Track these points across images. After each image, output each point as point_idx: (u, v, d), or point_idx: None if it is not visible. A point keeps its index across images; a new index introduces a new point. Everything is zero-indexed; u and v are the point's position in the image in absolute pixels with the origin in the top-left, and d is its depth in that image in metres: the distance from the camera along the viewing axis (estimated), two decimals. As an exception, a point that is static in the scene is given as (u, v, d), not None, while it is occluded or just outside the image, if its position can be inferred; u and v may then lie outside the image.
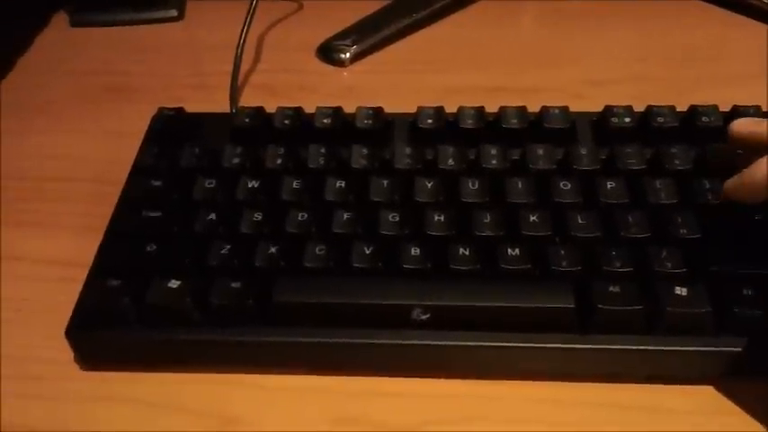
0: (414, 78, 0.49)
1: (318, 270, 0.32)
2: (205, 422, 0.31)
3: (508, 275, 0.32)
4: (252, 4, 0.48)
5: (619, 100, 0.39)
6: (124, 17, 0.55)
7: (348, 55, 0.51)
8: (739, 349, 0.30)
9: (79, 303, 0.33)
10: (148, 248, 0.34)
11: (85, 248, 0.35)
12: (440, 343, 0.31)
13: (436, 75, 0.49)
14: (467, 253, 0.32)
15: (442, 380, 0.32)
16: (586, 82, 0.47)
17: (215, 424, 0.31)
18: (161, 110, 0.41)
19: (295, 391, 0.32)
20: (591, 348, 0.30)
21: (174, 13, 0.55)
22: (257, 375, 0.33)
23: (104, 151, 0.44)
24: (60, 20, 0.56)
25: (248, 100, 0.48)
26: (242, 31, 0.48)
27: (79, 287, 0.33)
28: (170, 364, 0.33)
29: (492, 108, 0.39)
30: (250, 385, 0.32)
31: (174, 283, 0.32)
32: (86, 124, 0.46)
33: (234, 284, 0.32)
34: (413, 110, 0.40)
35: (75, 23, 0.55)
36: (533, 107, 0.39)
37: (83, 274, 0.34)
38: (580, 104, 0.40)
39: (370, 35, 0.51)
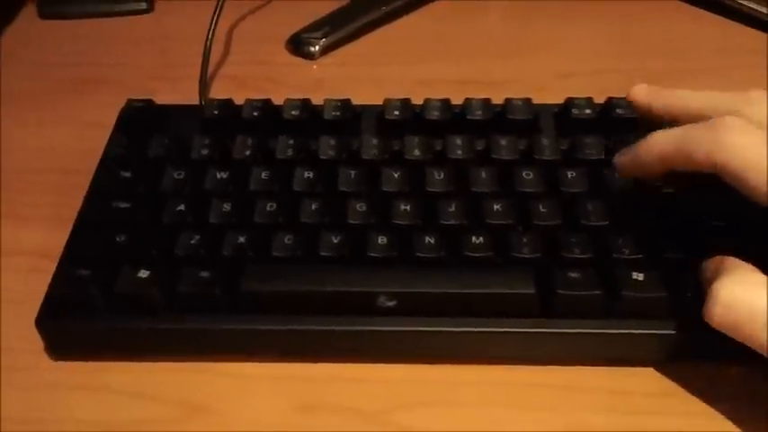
0: (383, 71, 0.49)
1: (286, 259, 0.33)
2: (173, 410, 0.32)
3: (472, 263, 0.33)
4: (221, -4, 0.49)
5: (583, 93, 0.40)
6: (93, 9, 0.54)
7: (317, 48, 0.51)
8: (691, 333, 0.31)
9: (49, 293, 0.33)
10: (118, 239, 0.34)
11: (55, 239, 0.36)
12: (405, 329, 0.32)
13: (405, 67, 0.49)
14: (432, 241, 0.33)
15: (408, 365, 0.33)
16: (553, 75, 0.48)
17: (183, 411, 0.32)
18: (130, 101, 0.41)
19: (263, 378, 0.33)
20: (552, 332, 0.31)
21: (143, 5, 0.55)
22: (225, 363, 0.33)
23: (73, 142, 0.44)
24: (29, 11, 0.55)
25: (218, 92, 0.48)
26: (211, 22, 0.48)
27: (49, 278, 0.34)
28: (139, 352, 0.33)
29: (459, 100, 0.40)
30: (218, 373, 0.33)
31: (143, 273, 0.33)
32: (55, 116, 0.46)
33: (202, 274, 0.32)
34: (381, 102, 0.40)
35: (44, 15, 0.55)
36: (500, 99, 0.40)
37: (52, 265, 0.34)
38: (545, 97, 0.40)
39: (339, 28, 0.52)
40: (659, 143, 0.30)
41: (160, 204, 0.35)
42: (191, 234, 0.34)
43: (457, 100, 0.40)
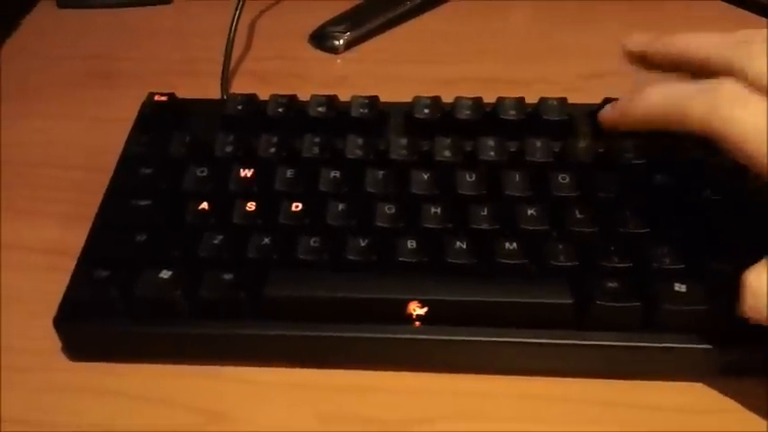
0: (406, 68, 0.48)
1: (312, 263, 0.32)
2: (191, 416, 0.31)
3: (505, 270, 0.31)
4: (244, -12, 0.47)
5: (615, 93, 0.38)
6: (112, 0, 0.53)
7: (342, 42, 0.50)
8: (735, 348, 0.29)
9: (67, 293, 0.32)
10: (138, 238, 0.33)
11: (72, 237, 0.35)
12: (434, 338, 0.31)
13: (429, 65, 0.48)
14: (463, 247, 0.32)
15: (436, 375, 0.32)
16: (582, 75, 0.47)
17: (201, 418, 0.31)
18: (151, 95, 0.40)
19: (283, 386, 0.32)
20: (588, 344, 0.30)
21: (163, -4, 0.54)
22: (246, 369, 0.32)
23: (92, 138, 0.43)
24: (47, 1, 0.54)
25: (239, 87, 0.47)
26: (233, 16, 0.47)
27: (66, 276, 0.33)
28: (158, 356, 0.32)
29: (486, 99, 0.39)
30: (239, 380, 0.32)
31: (164, 274, 0.31)
32: (73, 110, 0.45)
33: (225, 276, 0.31)
34: (407, 99, 0.39)
35: (62, 5, 0.54)
36: (529, 99, 0.38)
37: (69, 263, 0.33)
38: (576, 97, 0.39)
39: (364, 22, 0.51)
40: (653, 99, 0.29)
41: (182, 203, 0.34)
42: (213, 235, 0.33)
43: (485, 99, 0.39)
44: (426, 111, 0.38)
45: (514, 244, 0.32)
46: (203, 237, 0.33)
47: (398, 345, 0.31)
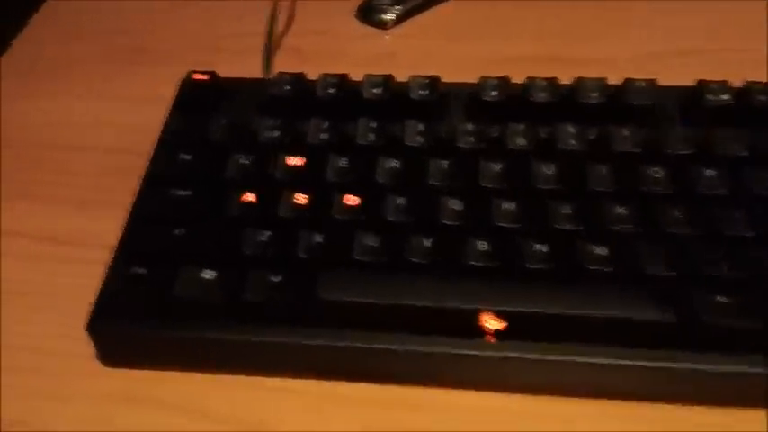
0: (459, 46, 0.44)
1: (369, 264, 0.28)
2: (230, 428, 0.28)
3: (590, 278, 0.27)
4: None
5: (671, 74, 0.34)
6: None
7: (391, 16, 0.46)
8: None
9: (101, 294, 0.29)
10: (177, 233, 0.30)
11: (103, 226, 0.32)
12: (510, 355, 0.27)
13: (483, 42, 0.44)
14: (542, 250, 0.28)
15: (506, 395, 0.28)
16: (642, 55, 0.42)
17: (241, 430, 0.28)
18: (190, 74, 0.37)
19: (331, 398, 0.28)
20: (690, 368, 0.26)
21: (201, -34, 0.50)
22: (290, 380, 0.29)
23: (127, 118, 0.40)
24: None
25: (281, 65, 0.43)
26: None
27: (96, 270, 0.30)
28: (197, 363, 0.29)
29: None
30: (283, 389, 0.29)
31: (206, 274, 0.28)
32: (106, 88, 0.42)
33: (273, 278, 0.28)
34: (467, 80, 0.35)
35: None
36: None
37: (100, 256, 0.30)
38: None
39: (412, -3, 0.46)
40: None
41: (224, 194, 0.31)
42: (259, 230, 0.29)
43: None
44: (494, 93, 0.34)
45: (601, 248, 0.28)
46: (247, 232, 0.29)
47: (467, 361, 0.27)
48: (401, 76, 0.36)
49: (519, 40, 0.44)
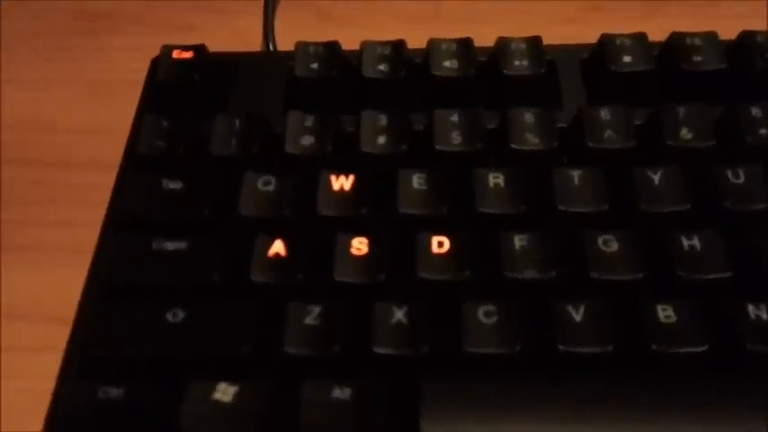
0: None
1: (492, 360, 0.17)
2: None
3: None
4: None
5: None
6: None
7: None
8: None
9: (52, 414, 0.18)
10: (170, 318, 0.18)
11: (58, 293, 0.20)
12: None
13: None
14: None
15: None
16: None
17: None
18: (167, 50, 0.24)
19: None
20: None
21: None
22: None
23: (79, 114, 0.28)
24: None
25: (292, 30, 0.31)
26: None
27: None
28: None
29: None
30: None
31: (222, 391, 0.17)
32: (52, 70, 0.29)
33: (336, 394, 0.17)
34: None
35: None
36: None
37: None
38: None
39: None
40: None
41: (240, 243, 0.19)
42: (303, 306, 0.18)
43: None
44: (628, 58, 0.23)
45: None
46: (288, 308, 0.18)
47: None
48: (450, 33, 0.24)
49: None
